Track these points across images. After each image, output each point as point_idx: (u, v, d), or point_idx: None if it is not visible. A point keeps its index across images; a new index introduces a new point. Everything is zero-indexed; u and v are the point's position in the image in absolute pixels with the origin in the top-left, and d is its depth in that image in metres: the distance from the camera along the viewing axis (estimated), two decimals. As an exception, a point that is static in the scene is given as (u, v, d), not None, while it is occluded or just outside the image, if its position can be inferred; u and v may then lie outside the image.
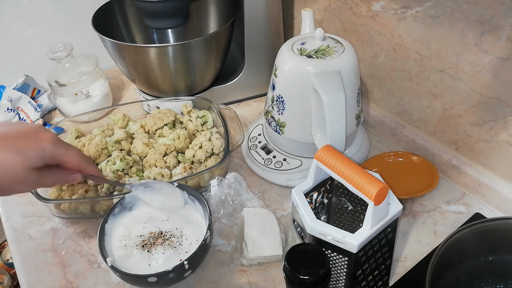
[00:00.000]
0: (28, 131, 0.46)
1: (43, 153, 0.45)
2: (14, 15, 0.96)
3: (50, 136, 0.46)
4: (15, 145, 0.43)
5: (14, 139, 0.44)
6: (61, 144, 0.47)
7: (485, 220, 0.56)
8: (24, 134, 0.45)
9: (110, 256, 0.56)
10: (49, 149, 0.46)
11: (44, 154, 0.45)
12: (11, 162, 0.43)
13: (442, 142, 0.75)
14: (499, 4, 0.56)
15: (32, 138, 0.45)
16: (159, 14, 0.80)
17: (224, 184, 0.69)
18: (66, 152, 0.47)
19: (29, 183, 0.46)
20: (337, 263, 0.52)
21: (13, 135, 0.45)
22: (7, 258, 1.36)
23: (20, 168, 0.43)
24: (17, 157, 0.43)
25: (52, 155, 0.46)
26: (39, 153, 0.45)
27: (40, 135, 0.46)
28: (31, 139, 0.45)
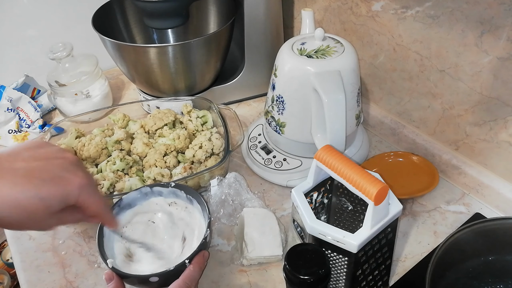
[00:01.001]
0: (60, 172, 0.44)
1: (67, 199, 0.44)
2: (14, 15, 0.97)
3: (79, 182, 0.45)
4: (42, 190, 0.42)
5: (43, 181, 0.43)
6: (87, 190, 0.46)
7: (485, 220, 0.56)
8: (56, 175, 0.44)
9: (110, 258, 0.56)
10: (73, 195, 0.45)
11: (67, 200, 0.44)
12: (34, 208, 0.42)
13: (442, 142, 0.75)
14: (499, 4, 0.56)
15: (60, 182, 0.44)
16: (159, 14, 0.80)
17: (224, 184, 0.69)
18: (89, 200, 0.46)
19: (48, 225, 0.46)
20: (337, 263, 0.52)
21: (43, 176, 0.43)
22: (7, 258, 1.36)
23: (41, 213, 0.43)
24: (41, 204, 0.42)
25: (75, 201, 0.45)
26: (63, 199, 0.44)
27: (70, 180, 0.44)
28: (59, 183, 0.43)
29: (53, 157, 0.45)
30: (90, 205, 0.47)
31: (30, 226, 0.45)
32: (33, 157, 0.44)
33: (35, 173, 0.43)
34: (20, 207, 0.41)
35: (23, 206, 0.42)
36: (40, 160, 0.44)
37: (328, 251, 0.51)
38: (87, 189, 0.46)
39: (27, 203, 0.42)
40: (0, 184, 0.41)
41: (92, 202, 0.47)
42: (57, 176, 0.44)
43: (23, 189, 0.41)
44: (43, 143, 0.47)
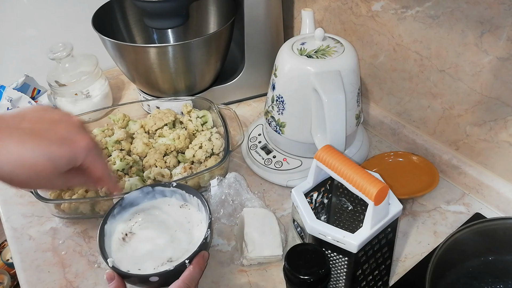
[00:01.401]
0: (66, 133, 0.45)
1: (74, 160, 0.45)
2: (14, 15, 0.96)
3: (85, 143, 0.46)
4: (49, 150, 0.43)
5: (51, 141, 0.43)
6: (93, 152, 0.47)
7: (485, 220, 0.56)
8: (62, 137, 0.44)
9: (110, 257, 0.56)
10: (80, 157, 0.45)
11: (74, 161, 0.45)
12: (42, 167, 0.43)
13: (442, 142, 0.75)
14: (499, 4, 0.56)
15: (68, 143, 0.44)
16: (159, 14, 0.80)
17: (224, 184, 0.69)
18: (94, 162, 0.47)
19: (55, 184, 0.47)
20: (337, 263, 0.52)
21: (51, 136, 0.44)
22: (7, 258, 1.36)
23: (49, 172, 0.43)
24: (48, 163, 0.43)
25: (81, 162, 0.46)
26: (70, 160, 0.45)
27: (76, 141, 0.45)
28: (67, 144, 0.44)
29: (59, 120, 0.46)
30: (96, 168, 0.48)
31: (36, 185, 0.45)
32: (39, 118, 0.45)
33: (42, 133, 0.43)
34: (28, 166, 0.42)
35: (31, 165, 0.42)
36: (46, 122, 0.45)
37: (328, 251, 0.51)
38: (93, 151, 0.47)
39: (36, 162, 0.42)
40: (8, 142, 0.41)
41: (98, 165, 0.48)
42: (64, 137, 0.44)
43: (32, 148, 0.42)
44: (48, 108, 0.48)
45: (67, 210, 0.69)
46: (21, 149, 0.42)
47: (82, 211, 0.70)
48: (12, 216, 0.74)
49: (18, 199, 0.76)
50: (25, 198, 0.76)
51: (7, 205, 0.76)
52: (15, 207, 0.75)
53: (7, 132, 0.42)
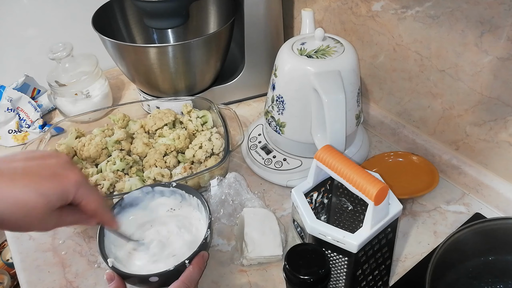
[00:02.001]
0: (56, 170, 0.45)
1: (66, 195, 0.45)
2: (14, 15, 0.96)
3: (76, 178, 0.46)
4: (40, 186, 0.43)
5: (41, 178, 0.44)
6: (84, 187, 0.47)
7: (485, 220, 0.56)
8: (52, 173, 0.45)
9: (110, 257, 0.56)
10: (72, 191, 0.45)
11: (66, 196, 0.45)
12: (34, 204, 0.43)
13: (442, 142, 0.75)
14: (499, 4, 0.56)
15: (58, 178, 0.45)
16: (159, 14, 0.80)
17: (224, 184, 0.69)
18: (86, 196, 0.47)
19: (48, 224, 0.46)
20: (337, 263, 0.52)
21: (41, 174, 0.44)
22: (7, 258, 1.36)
23: (41, 210, 0.43)
24: (40, 199, 0.43)
25: (73, 197, 0.46)
26: (62, 195, 0.45)
27: (66, 176, 0.45)
28: (57, 179, 0.44)
29: (48, 156, 0.46)
30: (88, 202, 0.47)
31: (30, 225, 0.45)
32: (28, 157, 0.45)
33: (33, 170, 0.44)
34: (20, 204, 0.42)
35: (23, 203, 0.42)
36: (36, 159, 0.45)
37: (328, 251, 0.51)
38: (84, 185, 0.47)
39: (27, 199, 0.42)
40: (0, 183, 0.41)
41: (90, 199, 0.47)
42: (54, 172, 0.45)
43: (23, 186, 0.42)
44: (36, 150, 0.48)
45: (67, 210, 0.69)
46: (12, 188, 0.42)
47: (82, 211, 0.70)
48: (12, 216, 0.73)
49: (18, 199, 0.76)
50: (25, 198, 0.76)
51: (7, 205, 0.75)
52: (15, 207, 0.75)
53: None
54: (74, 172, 0.46)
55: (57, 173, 0.45)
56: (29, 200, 0.42)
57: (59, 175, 0.45)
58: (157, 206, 0.64)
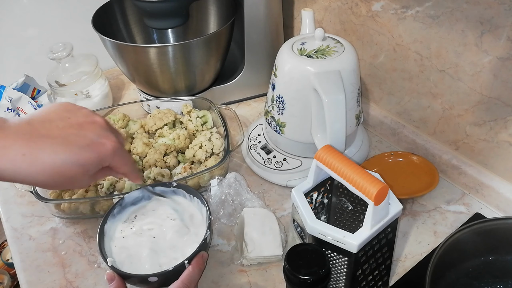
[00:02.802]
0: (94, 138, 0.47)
1: (102, 163, 0.48)
2: (14, 15, 0.96)
3: (112, 146, 0.48)
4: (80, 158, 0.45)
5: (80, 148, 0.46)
6: (119, 153, 0.49)
7: (485, 220, 0.56)
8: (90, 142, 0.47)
9: (110, 257, 0.56)
10: (107, 159, 0.48)
11: (102, 163, 0.48)
12: (74, 173, 0.45)
13: (442, 142, 0.75)
14: (499, 4, 0.56)
15: (96, 148, 0.47)
16: (159, 14, 0.80)
17: (224, 184, 0.69)
18: (121, 161, 0.50)
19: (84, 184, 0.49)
20: (337, 263, 0.52)
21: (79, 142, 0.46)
22: (7, 258, 1.36)
23: (80, 177, 0.46)
24: (80, 169, 0.46)
25: (108, 164, 0.49)
26: (99, 163, 0.48)
27: (103, 144, 0.48)
28: (95, 149, 0.47)
29: (85, 122, 0.48)
30: (122, 166, 0.51)
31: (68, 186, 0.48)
32: (67, 124, 0.47)
33: (71, 140, 0.46)
34: (61, 174, 0.45)
35: (63, 173, 0.45)
36: (74, 127, 0.47)
37: (328, 251, 0.51)
38: (119, 152, 0.49)
39: (67, 169, 0.45)
40: (41, 153, 0.44)
41: (123, 163, 0.51)
42: (92, 142, 0.47)
43: (64, 157, 0.44)
44: (71, 106, 0.49)
45: (67, 210, 0.69)
46: (54, 159, 0.44)
47: (82, 211, 0.70)
48: (12, 216, 0.74)
49: (18, 199, 0.76)
50: (25, 198, 0.76)
51: (7, 205, 0.76)
52: (15, 207, 0.75)
53: (40, 142, 0.44)
54: (110, 140, 0.48)
55: (95, 142, 0.47)
56: (69, 170, 0.45)
57: (97, 144, 0.47)
58: (157, 206, 0.64)
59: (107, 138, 0.48)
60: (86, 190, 0.71)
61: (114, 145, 0.48)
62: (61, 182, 0.46)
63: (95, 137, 0.47)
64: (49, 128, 0.45)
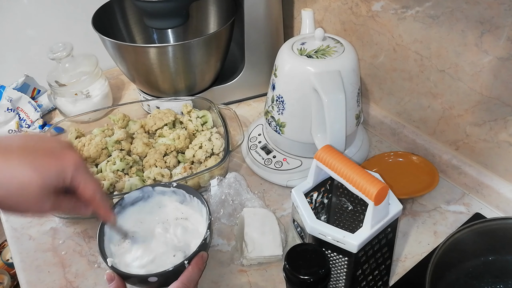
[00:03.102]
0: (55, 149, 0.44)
1: (62, 174, 0.43)
2: (14, 15, 0.96)
3: (75, 159, 0.44)
4: (36, 162, 0.42)
5: (38, 155, 0.42)
6: (83, 170, 0.45)
7: (485, 220, 0.56)
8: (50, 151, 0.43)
9: (110, 257, 0.56)
10: (69, 171, 0.44)
11: (63, 175, 0.43)
12: (28, 179, 0.41)
13: (442, 142, 0.75)
14: (499, 4, 0.56)
15: (56, 156, 0.43)
16: (159, 14, 0.80)
17: (224, 184, 0.69)
18: (84, 180, 0.45)
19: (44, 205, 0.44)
20: (337, 263, 0.52)
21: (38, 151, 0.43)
22: (7, 258, 1.36)
23: (36, 186, 0.42)
24: (35, 174, 0.41)
25: (70, 178, 0.44)
26: (58, 173, 0.43)
27: (65, 155, 0.44)
28: (55, 157, 0.43)
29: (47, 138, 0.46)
30: (86, 188, 0.46)
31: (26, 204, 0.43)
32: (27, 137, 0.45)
33: (29, 148, 0.43)
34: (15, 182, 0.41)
35: (18, 180, 0.41)
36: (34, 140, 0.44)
37: (328, 251, 0.51)
38: (82, 168, 0.45)
39: (22, 175, 0.41)
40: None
41: (88, 185, 0.46)
42: (52, 151, 0.44)
43: (18, 162, 0.41)
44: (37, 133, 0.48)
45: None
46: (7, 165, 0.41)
47: (82, 211, 0.70)
48: (12, 216, 0.74)
49: (18, 199, 0.76)
50: (25, 198, 0.76)
51: (7, 205, 0.76)
52: (15, 207, 0.75)
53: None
54: (73, 154, 0.45)
55: (55, 152, 0.44)
56: (24, 177, 0.41)
57: (56, 154, 0.43)
58: (157, 206, 0.64)
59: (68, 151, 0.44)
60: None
61: (76, 159, 0.44)
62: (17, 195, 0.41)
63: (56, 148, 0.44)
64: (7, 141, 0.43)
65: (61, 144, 0.45)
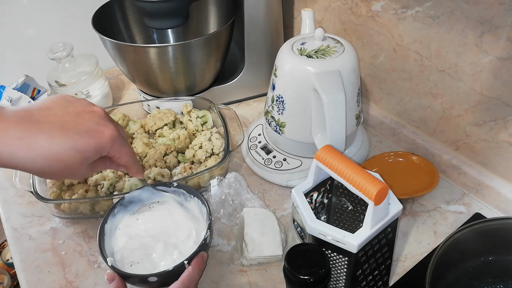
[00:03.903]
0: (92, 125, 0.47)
1: (101, 150, 0.48)
2: (14, 15, 0.96)
3: (110, 134, 0.48)
4: (77, 143, 0.45)
5: (78, 134, 0.45)
6: (118, 142, 0.49)
7: (485, 220, 0.56)
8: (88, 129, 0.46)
9: (110, 257, 0.56)
10: (106, 147, 0.48)
11: (101, 151, 0.48)
12: (71, 160, 0.45)
13: (442, 142, 0.75)
14: (499, 4, 0.56)
15: (94, 135, 0.46)
16: (159, 14, 0.80)
17: (224, 184, 0.69)
18: (120, 150, 0.50)
19: (82, 174, 0.49)
20: (337, 263, 0.52)
21: (77, 128, 0.46)
22: (7, 258, 1.36)
23: (78, 164, 0.46)
24: (78, 156, 0.45)
25: (107, 152, 0.48)
26: (97, 151, 0.47)
27: (102, 132, 0.47)
28: (93, 136, 0.46)
29: (83, 111, 0.48)
30: (121, 156, 0.50)
31: (66, 175, 0.48)
32: (65, 111, 0.47)
33: (69, 126, 0.45)
34: (58, 160, 0.44)
35: (61, 158, 0.44)
36: (72, 114, 0.47)
37: (328, 251, 0.51)
38: (118, 140, 0.49)
39: (65, 155, 0.44)
40: (38, 137, 0.43)
41: (123, 153, 0.50)
42: (90, 129, 0.47)
43: (61, 142, 0.44)
44: (70, 97, 0.49)
45: (67, 210, 0.69)
46: (51, 143, 0.44)
47: (82, 211, 0.70)
48: (12, 216, 0.74)
49: (18, 199, 0.76)
50: (25, 198, 0.76)
51: (7, 205, 0.76)
52: (15, 207, 0.75)
53: (37, 127, 0.43)
54: (109, 128, 0.48)
55: (93, 129, 0.47)
56: (67, 156, 0.44)
57: (95, 131, 0.47)
58: (157, 206, 0.64)
59: (105, 126, 0.48)
60: (86, 190, 0.71)
61: (113, 134, 0.48)
62: (59, 169, 0.45)
63: (93, 125, 0.47)
64: (46, 115, 0.45)
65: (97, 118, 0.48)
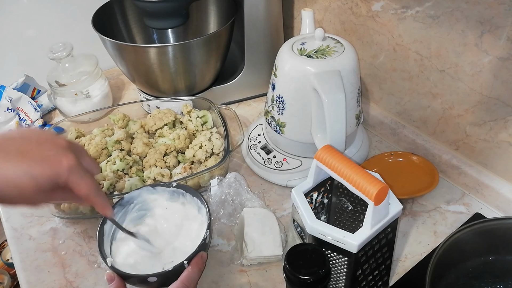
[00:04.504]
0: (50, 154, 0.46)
1: (56, 178, 0.46)
2: (14, 15, 0.96)
3: (68, 163, 0.46)
4: (32, 170, 0.44)
5: (33, 161, 0.45)
6: (77, 172, 0.47)
7: (485, 220, 0.56)
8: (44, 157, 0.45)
9: (109, 257, 0.56)
10: (63, 176, 0.46)
11: (57, 180, 0.46)
12: (25, 186, 0.44)
13: (442, 142, 0.75)
14: (499, 4, 0.56)
15: (50, 163, 0.45)
16: (159, 14, 0.80)
17: (224, 184, 0.69)
18: (78, 181, 0.47)
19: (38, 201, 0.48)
20: (337, 263, 0.52)
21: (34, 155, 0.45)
22: (7, 258, 1.36)
23: (32, 191, 0.45)
24: (32, 182, 0.44)
25: (64, 182, 0.47)
26: (51, 179, 0.45)
27: (59, 160, 0.46)
28: (49, 164, 0.45)
29: (45, 140, 0.47)
30: (80, 187, 0.48)
31: (21, 202, 0.46)
32: (26, 141, 0.46)
33: (27, 154, 0.45)
34: (12, 185, 0.44)
35: (15, 184, 0.44)
36: (33, 144, 0.46)
37: (328, 251, 0.51)
38: (76, 170, 0.47)
39: (19, 181, 0.44)
40: None
41: (82, 184, 0.48)
42: (47, 157, 0.46)
43: (16, 167, 0.44)
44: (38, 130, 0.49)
45: (67, 210, 0.69)
46: (6, 168, 0.43)
47: (82, 211, 0.70)
48: (12, 216, 0.74)
49: (18, 199, 0.76)
50: (25, 198, 0.76)
51: (7, 205, 0.76)
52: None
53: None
54: (68, 157, 0.47)
55: (49, 157, 0.46)
56: (21, 182, 0.44)
57: (51, 159, 0.46)
58: (157, 206, 0.64)
59: (64, 156, 0.46)
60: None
61: (70, 163, 0.46)
62: (14, 195, 0.44)
63: (52, 153, 0.46)
64: (7, 144, 0.45)
65: (57, 147, 0.47)
